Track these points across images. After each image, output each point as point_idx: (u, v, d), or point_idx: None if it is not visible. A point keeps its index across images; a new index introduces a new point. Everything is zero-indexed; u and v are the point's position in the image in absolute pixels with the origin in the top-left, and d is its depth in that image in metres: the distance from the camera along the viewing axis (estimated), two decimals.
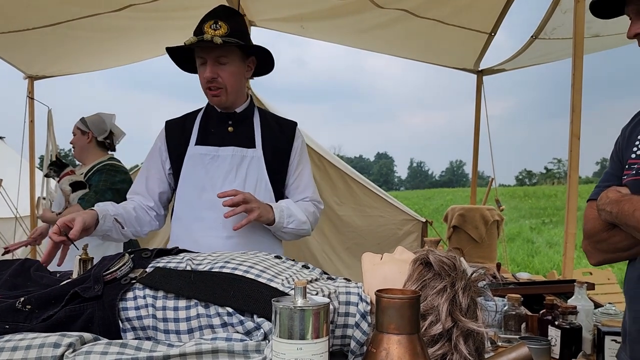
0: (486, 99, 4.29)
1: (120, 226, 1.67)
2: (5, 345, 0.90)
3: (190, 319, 0.99)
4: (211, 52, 1.70)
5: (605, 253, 1.24)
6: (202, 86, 1.77)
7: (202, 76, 1.74)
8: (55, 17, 3.22)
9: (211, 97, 1.77)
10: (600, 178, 1.33)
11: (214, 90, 1.74)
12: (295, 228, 1.78)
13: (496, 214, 4.05)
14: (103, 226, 1.59)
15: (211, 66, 1.71)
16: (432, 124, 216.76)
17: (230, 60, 1.72)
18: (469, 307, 0.95)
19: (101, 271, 1.08)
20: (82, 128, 2.89)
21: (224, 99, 1.77)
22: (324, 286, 1.05)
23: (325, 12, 3.50)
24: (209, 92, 1.76)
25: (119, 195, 2.66)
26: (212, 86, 1.73)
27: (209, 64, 1.71)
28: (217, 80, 1.72)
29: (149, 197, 1.83)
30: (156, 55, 4.24)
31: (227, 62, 1.72)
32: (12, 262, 1.50)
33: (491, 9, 3.28)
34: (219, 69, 1.72)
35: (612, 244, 1.21)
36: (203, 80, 1.74)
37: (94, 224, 1.54)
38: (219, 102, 1.78)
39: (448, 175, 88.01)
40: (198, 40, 1.66)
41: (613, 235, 1.20)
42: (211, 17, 1.70)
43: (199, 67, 1.76)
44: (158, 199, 1.84)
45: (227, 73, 1.73)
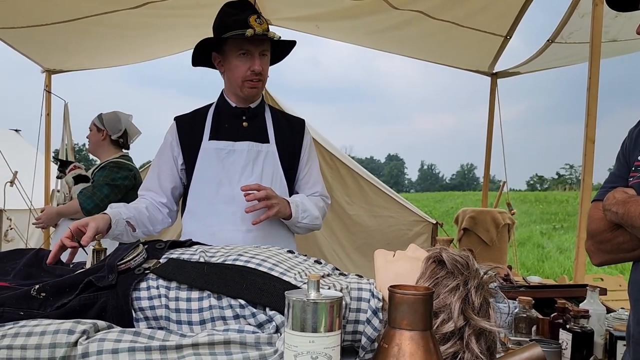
0: (500, 102, 4.26)
1: (131, 229, 1.69)
2: (20, 331, 0.92)
3: (202, 310, 1.00)
4: (260, 46, 1.75)
5: (609, 253, 1.24)
6: (239, 78, 1.77)
7: (244, 68, 1.76)
8: (73, 12, 3.26)
9: (249, 88, 1.78)
10: (606, 179, 1.32)
11: (256, 82, 1.77)
12: (309, 223, 1.83)
13: (507, 217, 4.02)
14: (115, 230, 1.61)
15: (258, 59, 1.75)
16: (444, 126, 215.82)
17: (268, 54, 1.79)
18: (481, 306, 0.95)
19: (115, 261, 1.09)
20: (98, 125, 2.94)
21: (260, 91, 1.83)
22: (336, 282, 1.05)
23: (341, 12, 3.51)
24: (248, 84, 1.77)
25: (118, 190, 2.75)
26: (256, 78, 1.76)
27: (256, 57, 1.74)
28: (261, 73, 1.77)
29: (161, 193, 1.84)
30: (172, 53, 4.27)
31: (266, 55, 1.78)
32: (26, 251, 1.52)
33: (507, 11, 3.26)
34: (263, 62, 1.77)
35: (616, 245, 1.20)
36: (244, 72, 1.76)
37: (106, 228, 1.57)
38: (256, 93, 1.82)
39: (459, 178, 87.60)
40: (256, 33, 1.69)
41: (617, 236, 1.19)
42: (250, 11, 1.74)
43: (237, 59, 1.76)
44: (170, 195, 1.85)
45: (267, 66, 1.80)
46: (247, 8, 1.77)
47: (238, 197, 1.72)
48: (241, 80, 1.77)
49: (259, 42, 1.74)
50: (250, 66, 1.75)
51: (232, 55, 1.77)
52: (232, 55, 1.77)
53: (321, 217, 1.90)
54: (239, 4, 1.78)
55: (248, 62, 1.75)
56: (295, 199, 1.81)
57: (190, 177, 1.81)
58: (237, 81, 1.78)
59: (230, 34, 1.72)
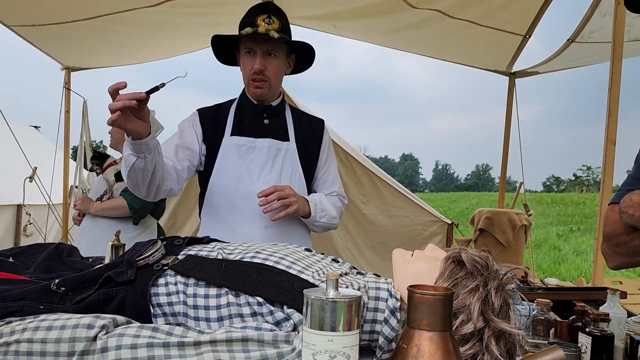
0: (518, 102, 4.22)
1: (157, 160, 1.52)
2: (40, 325, 0.93)
3: (220, 307, 1.00)
4: (262, 45, 1.74)
5: (624, 256, 1.22)
6: (246, 76, 1.79)
7: (249, 67, 1.77)
8: (93, 10, 3.29)
9: (254, 88, 1.79)
10: (624, 181, 1.30)
11: (259, 82, 1.77)
12: (327, 222, 1.84)
13: (524, 218, 3.98)
14: (152, 140, 1.44)
15: (260, 58, 1.75)
16: (459, 126, 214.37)
17: (278, 55, 1.78)
18: (501, 307, 0.94)
19: (134, 256, 1.10)
20: None
21: (266, 92, 1.80)
22: (353, 280, 1.05)
23: (358, 10, 3.49)
24: (252, 83, 1.78)
25: None
26: (258, 78, 1.76)
27: (258, 56, 1.75)
28: (264, 72, 1.76)
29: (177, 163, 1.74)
30: (191, 51, 4.29)
31: (275, 56, 1.77)
32: (46, 245, 1.54)
33: (526, 10, 3.22)
34: (267, 62, 1.76)
35: (632, 248, 1.19)
36: (249, 71, 1.77)
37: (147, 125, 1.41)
38: (261, 93, 1.80)
39: (474, 178, 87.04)
40: (254, 32, 1.70)
41: (633, 239, 1.18)
42: (263, 11, 1.74)
43: (244, 58, 1.78)
44: (182, 170, 1.74)
45: (274, 67, 1.78)
46: (262, 8, 1.78)
47: (257, 193, 1.73)
48: (247, 79, 1.79)
49: (263, 41, 1.73)
50: (253, 65, 1.76)
51: (242, 53, 1.79)
52: (242, 55, 1.80)
53: (338, 216, 1.91)
54: (261, 5, 1.80)
55: (252, 61, 1.76)
56: (313, 197, 1.82)
57: (210, 171, 1.81)
58: (245, 79, 1.81)
59: (230, 35, 1.77)
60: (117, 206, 2.71)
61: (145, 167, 1.47)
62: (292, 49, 1.84)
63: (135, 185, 1.56)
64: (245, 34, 1.70)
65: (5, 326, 0.94)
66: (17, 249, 1.57)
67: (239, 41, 1.79)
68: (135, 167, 1.47)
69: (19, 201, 5.20)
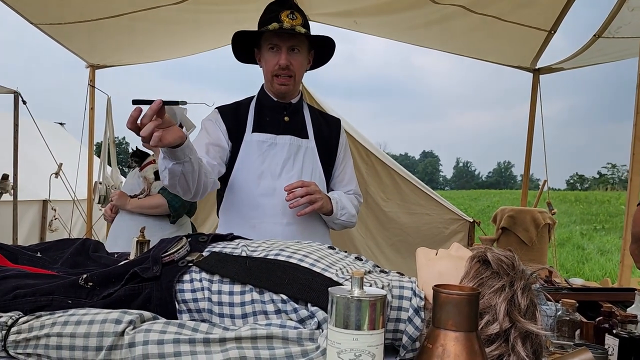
0: (542, 99, 4.15)
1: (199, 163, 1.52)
2: (69, 319, 0.94)
3: (244, 304, 1.00)
4: (288, 41, 1.75)
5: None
6: (269, 72, 1.79)
7: (272, 62, 1.77)
8: (117, 9, 3.33)
9: (278, 84, 1.79)
10: None
11: (284, 78, 1.77)
12: (346, 220, 1.84)
13: (548, 217, 3.92)
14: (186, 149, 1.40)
15: (285, 54, 1.75)
16: (481, 123, 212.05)
17: (301, 50, 1.78)
18: (527, 308, 0.93)
19: (160, 253, 1.11)
20: None
21: (291, 87, 1.81)
22: (377, 279, 1.04)
23: (380, 7, 3.47)
24: (276, 79, 1.78)
25: None
26: (284, 73, 1.76)
27: (283, 52, 1.75)
28: (289, 67, 1.76)
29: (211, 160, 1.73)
30: (214, 48, 4.31)
31: (298, 51, 1.78)
32: (73, 241, 1.57)
33: (552, 5, 3.16)
34: (292, 58, 1.77)
35: None
36: (273, 67, 1.77)
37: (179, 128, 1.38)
38: (285, 90, 1.81)
39: (495, 176, 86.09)
40: (280, 27, 1.70)
41: None
42: (286, 7, 1.75)
43: (267, 54, 1.78)
44: (216, 165, 1.74)
45: (298, 62, 1.79)
46: (284, 4, 1.78)
47: (279, 190, 1.74)
48: (271, 75, 1.79)
49: (288, 36, 1.74)
50: (278, 60, 1.76)
51: (265, 49, 1.79)
52: (265, 50, 1.79)
53: (356, 215, 1.92)
54: (280, 2, 1.80)
55: (276, 56, 1.76)
56: (334, 195, 1.82)
57: (231, 168, 1.81)
58: (268, 76, 1.80)
59: (258, 30, 1.76)
60: (156, 204, 2.72)
61: (192, 169, 1.47)
62: (313, 45, 1.84)
63: (185, 191, 1.54)
64: (272, 29, 1.70)
65: (35, 320, 0.96)
66: (45, 244, 1.60)
67: (261, 38, 1.79)
68: (184, 172, 1.45)
69: (44, 197, 5.30)
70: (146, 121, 1.24)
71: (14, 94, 4.35)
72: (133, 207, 2.74)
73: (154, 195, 2.76)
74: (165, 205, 2.71)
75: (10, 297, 1.05)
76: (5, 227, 4.58)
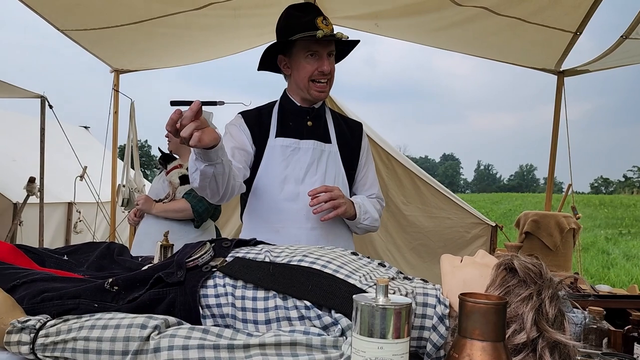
0: (566, 101, 4.08)
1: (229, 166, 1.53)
2: (96, 323, 0.95)
3: (268, 309, 1.00)
4: (327, 47, 1.76)
5: None
6: (305, 78, 1.78)
7: (311, 68, 1.77)
8: (141, 15, 3.37)
9: (316, 90, 1.79)
10: None
11: (323, 83, 1.78)
12: (369, 225, 1.84)
13: (572, 221, 3.85)
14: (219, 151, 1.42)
15: (327, 59, 1.76)
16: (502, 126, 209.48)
17: (334, 55, 1.81)
18: (555, 317, 0.91)
19: (184, 258, 1.11)
20: None
21: (327, 93, 1.83)
22: (400, 286, 1.03)
23: (401, 9, 3.45)
24: (314, 85, 1.78)
25: None
26: (324, 79, 1.77)
27: (324, 57, 1.76)
28: (330, 72, 1.78)
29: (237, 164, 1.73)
30: (234, 52, 4.34)
31: (333, 56, 1.80)
32: (98, 244, 1.59)
33: (578, 7, 3.10)
34: (331, 63, 1.79)
35: None
36: (311, 72, 1.77)
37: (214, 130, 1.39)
38: (324, 96, 1.83)
39: (517, 179, 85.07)
40: (325, 34, 1.71)
41: None
42: (317, 13, 1.75)
43: (304, 60, 1.77)
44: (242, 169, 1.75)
45: (334, 68, 1.82)
46: (312, 10, 1.79)
47: (302, 195, 1.74)
48: (307, 81, 1.78)
49: (327, 43, 1.75)
50: (318, 67, 1.76)
51: (300, 56, 1.77)
52: (300, 57, 1.78)
53: (378, 219, 1.91)
54: (303, 7, 1.81)
55: (316, 63, 1.76)
56: (357, 200, 1.82)
57: (254, 172, 1.81)
58: (304, 82, 1.79)
59: (299, 36, 1.73)
60: (181, 209, 2.74)
61: (223, 171, 1.47)
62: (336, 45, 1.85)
63: (213, 193, 1.55)
64: (321, 37, 1.70)
65: (63, 324, 0.97)
66: (71, 247, 1.63)
67: (293, 44, 1.77)
68: (215, 174, 1.46)
69: (70, 199, 5.40)
70: (186, 122, 1.25)
71: (40, 98, 4.45)
72: (158, 211, 2.76)
73: (178, 200, 2.77)
74: (189, 209, 2.72)
75: (38, 300, 1.07)
76: (32, 228, 4.68)
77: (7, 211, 4.96)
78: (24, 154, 5.69)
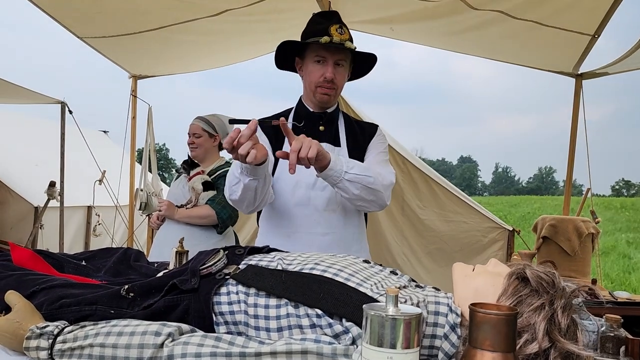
0: (585, 103, 4.03)
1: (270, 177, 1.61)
2: (112, 330, 0.98)
3: (280, 317, 1.01)
4: (335, 54, 1.77)
5: None
6: (312, 83, 1.81)
7: (317, 74, 1.79)
8: (159, 21, 3.43)
9: (321, 95, 1.81)
10: None
11: (328, 89, 1.79)
12: (360, 175, 1.61)
13: (591, 226, 3.79)
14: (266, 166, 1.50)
15: (332, 67, 1.77)
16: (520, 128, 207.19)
17: (345, 64, 1.81)
18: (568, 327, 0.90)
19: (198, 265, 1.13)
20: (210, 130, 2.92)
21: (332, 98, 1.83)
22: (412, 294, 1.04)
23: (416, 13, 3.45)
24: (319, 90, 1.80)
25: None
26: (328, 85, 1.79)
27: (329, 65, 1.77)
28: (334, 81, 1.79)
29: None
30: (250, 58, 4.38)
31: (342, 65, 1.80)
32: (115, 250, 1.62)
33: (596, 9, 3.06)
34: (337, 71, 1.79)
35: None
36: (318, 78, 1.79)
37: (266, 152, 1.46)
38: (327, 100, 1.83)
39: (536, 182, 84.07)
40: (331, 41, 1.73)
41: None
42: (334, 21, 1.77)
43: (312, 65, 1.80)
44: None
45: (342, 76, 1.82)
46: (331, 17, 1.80)
47: (313, 200, 1.76)
48: (314, 86, 1.81)
49: (336, 50, 1.76)
50: (323, 73, 1.78)
51: (309, 60, 1.81)
52: (309, 61, 1.81)
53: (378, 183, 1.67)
54: (327, 14, 1.83)
55: (322, 68, 1.78)
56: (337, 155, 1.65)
57: None
58: (311, 86, 1.82)
59: (309, 40, 1.77)
60: (205, 215, 2.76)
61: (264, 184, 1.54)
62: (355, 59, 1.86)
63: (249, 205, 1.61)
64: (324, 43, 1.73)
65: (80, 330, 0.99)
66: (89, 252, 1.66)
67: (306, 48, 1.82)
68: (257, 188, 1.53)
69: (89, 203, 5.49)
70: (244, 141, 1.33)
71: (61, 104, 4.54)
72: (181, 217, 2.78)
73: (202, 206, 2.79)
74: (213, 215, 2.75)
75: (56, 305, 1.10)
76: (53, 231, 4.76)
77: (29, 215, 5.07)
78: (45, 159, 5.80)
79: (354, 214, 1.84)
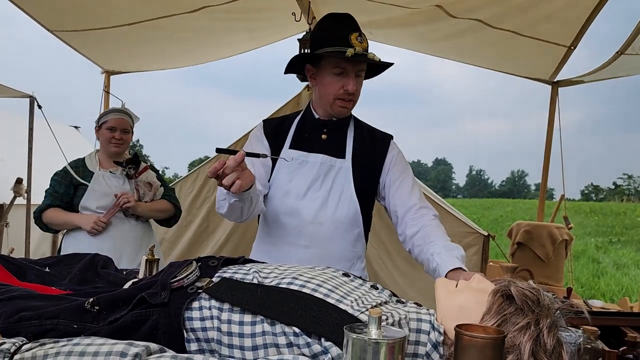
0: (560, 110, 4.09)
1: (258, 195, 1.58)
2: (74, 350, 0.91)
3: (255, 335, 0.96)
4: (357, 66, 1.68)
5: None
6: (331, 94, 1.70)
7: (337, 86, 1.68)
8: (133, 16, 3.32)
9: (339, 108, 1.72)
10: None
11: (347, 102, 1.71)
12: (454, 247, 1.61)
13: (565, 232, 3.84)
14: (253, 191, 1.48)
15: (353, 79, 1.68)
16: (495, 131, 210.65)
17: (363, 73, 1.73)
18: (554, 348, 0.88)
19: (168, 278, 1.07)
20: (132, 125, 2.86)
21: (350, 110, 1.76)
22: (394, 311, 1.00)
23: (396, 20, 3.43)
24: (339, 102, 1.71)
25: None
26: (348, 97, 1.70)
27: (351, 77, 1.68)
28: (354, 93, 1.70)
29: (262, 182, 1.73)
30: (228, 56, 4.30)
31: (360, 75, 1.72)
32: (82, 256, 1.54)
33: (572, 21, 3.09)
34: (358, 82, 1.71)
35: None
36: (337, 90, 1.69)
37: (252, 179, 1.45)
38: (345, 112, 1.75)
39: (508, 185, 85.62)
40: (356, 53, 1.62)
41: None
42: (353, 29, 1.66)
43: (331, 76, 1.69)
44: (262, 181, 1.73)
45: (360, 86, 1.74)
46: (349, 23, 1.68)
47: (302, 211, 1.69)
48: (332, 98, 1.71)
49: (357, 62, 1.66)
50: (344, 85, 1.68)
51: (327, 71, 1.69)
52: (327, 72, 1.70)
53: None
54: (343, 18, 1.70)
55: (342, 80, 1.68)
56: None
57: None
58: (329, 98, 1.71)
59: (329, 50, 1.65)
60: (165, 209, 2.81)
61: (250, 204, 1.54)
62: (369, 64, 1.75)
63: (236, 218, 1.61)
64: (351, 56, 1.62)
65: (39, 348, 0.92)
66: (54, 258, 1.58)
67: (321, 56, 1.69)
68: (243, 207, 1.53)
69: None
70: (228, 172, 1.33)
71: (29, 98, 4.38)
72: (143, 210, 2.73)
73: (161, 200, 2.81)
74: (172, 209, 2.82)
75: (15, 319, 1.03)
76: (19, 230, 4.59)
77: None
78: (11, 154, 5.60)
79: (347, 231, 1.74)
